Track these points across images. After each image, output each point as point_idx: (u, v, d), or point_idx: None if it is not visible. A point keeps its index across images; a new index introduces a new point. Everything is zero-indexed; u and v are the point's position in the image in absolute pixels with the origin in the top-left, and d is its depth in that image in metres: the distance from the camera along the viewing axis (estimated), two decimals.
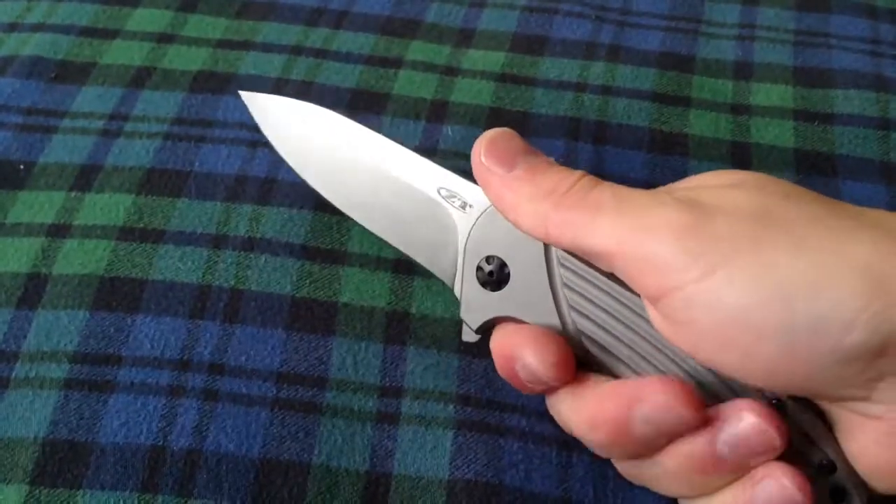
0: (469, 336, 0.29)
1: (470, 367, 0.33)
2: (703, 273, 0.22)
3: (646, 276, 0.24)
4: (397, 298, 0.34)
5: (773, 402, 0.24)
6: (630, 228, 0.24)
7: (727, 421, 0.23)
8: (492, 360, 0.29)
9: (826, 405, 0.24)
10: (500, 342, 0.28)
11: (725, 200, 0.24)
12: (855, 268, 0.21)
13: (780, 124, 0.41)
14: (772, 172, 0.39)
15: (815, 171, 0.40)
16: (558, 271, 0.26)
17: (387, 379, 0.32)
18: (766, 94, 0.43)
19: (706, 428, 0.24)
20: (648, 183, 0.39)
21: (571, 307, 0.26)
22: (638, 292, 0.25)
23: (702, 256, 0.23)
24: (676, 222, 0.23)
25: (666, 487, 0.26)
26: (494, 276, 0.28)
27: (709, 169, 0.39)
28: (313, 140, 0.32)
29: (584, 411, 0.26)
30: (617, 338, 0.26)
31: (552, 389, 0.27)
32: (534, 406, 0.32)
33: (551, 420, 0.31)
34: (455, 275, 0.29)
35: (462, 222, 0.29)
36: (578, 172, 0.27)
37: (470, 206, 0.29)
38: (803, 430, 0.24)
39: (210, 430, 0.31)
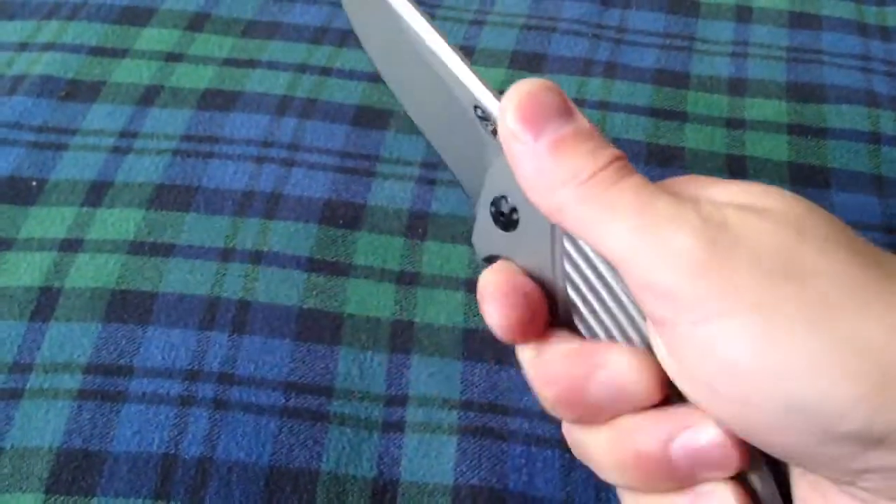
0: (479, 256, 0.29)
1: (472, 373, 0.33)
2: (703, 318, 0.21)
3: (647, 298, 0.22)
4: (401, 308, 0.35)
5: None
6: (643, 242, 0.22)
7: (689, 426, 0.23)
8: (493, 364, 0.29)
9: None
10: (483, 282, 0.26)
11: (754, 232, 0.21)
12: (865, 353, 0.20)
13: (774, 138, 0.42)
14: (767, 184, 0.40)
15: (809, 183, 0.41)
16: (561, 241, 0.26)
17: (392, 387, 0.33)
18: (760, 108, 0.44)
19: (665, 425, 0.23)
20: None
21: (567, 276, 0.26)
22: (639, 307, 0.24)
23: (708, 300, 0.21)
24: (692, 252, 0.21)
25: (606, 471, 0.25)
26: (504, 218, 0.27)
27: None
28: (373, 10, 0.29)
29: (542, 362, 0.25)
30: (602, 322, 0.26)
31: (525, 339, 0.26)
32: (536, 408, 0.32)
33: (553, 421, 0.32)
34: (477, 196, 0.28)
35: (490, 148, 0.27)
36: (607, 155, 0.24)
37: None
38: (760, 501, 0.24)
39: (220, 438, 0.31)
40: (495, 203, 0.27)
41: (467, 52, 0.46)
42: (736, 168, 0.41)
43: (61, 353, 0.33)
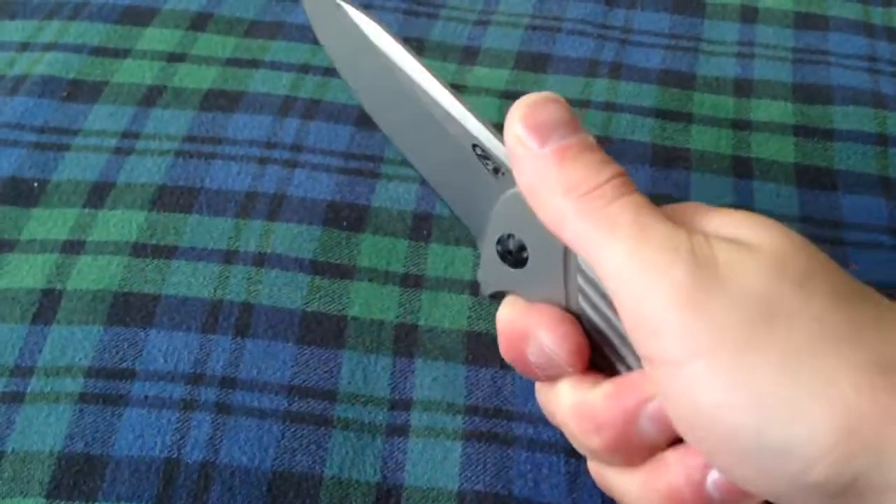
0: (484, 294, 0.28)
1: (477, 377, 0.33)
2: (686, 357, 0.21)
3: (636, 331, 0.23)
4: (405, 311, 0.35)
5: None
6: (635, 269, 0.22)
7: None
8: (498, 368, 0.28)
9: None
10: (511, 319, 0.26)
11: (738, 271, 0.22)
12: (835, 402, 0.20)
13: (780, 140, 0.42)
14: (773, 186, 0.40)
15: (816, 185, 0.40)
16: (574, 272, 0.25)
17: (396, 391, 0.33)
18: (766, 110, 0.44)
19: (699, 458, 0.23)
20: (651, 195, 0.39)
21: (580, 307, 0.26)
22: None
23: (688, 338, 0.21)
24: (680, 286, 0.21)
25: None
26: (512, 256, 0.27)
27: (712, 182, 0.40)
28: (360, 54, 0.29)
29: (586, 409, 0.25)
30: (620, 354, 0.25)
31: (553, 378, 0.26)
32: (541, 413, 0.32)
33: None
34: (480, 233, 0.28)
35: (492, 187, 0.27)
36: (610, 170, 0.24)
37: (502, 173, 0.26)
38: None
39: (223, 442, 0.31)
40: (501, 241, 0.27)
41: (471, 53, 0.46)
42: (742, 170, 0.41)
43: (63, 357, 0.33)
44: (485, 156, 0.27)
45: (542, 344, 0.25)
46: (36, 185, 0.38)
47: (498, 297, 0.28)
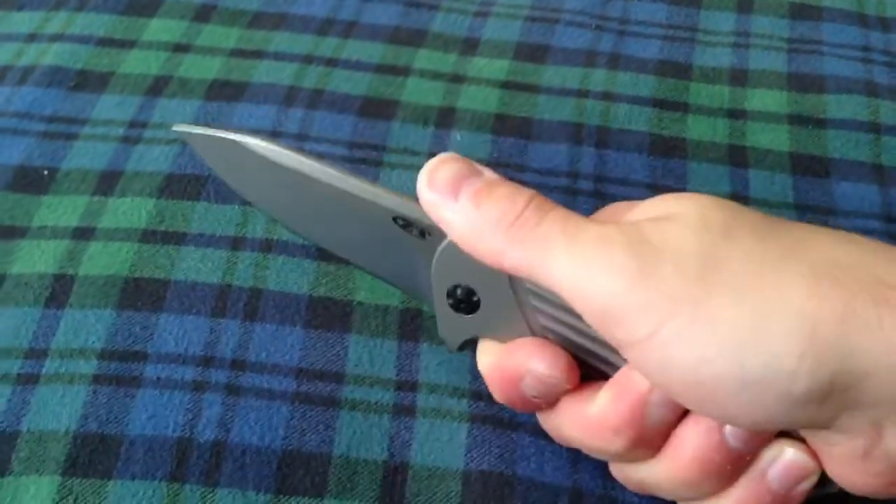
0: (452, 349, 0.30)
1: None
2: (652, 330, 0.23)
3: (601, 324, 0.24)
4: (410, 297, 0.36)
5: None
6: (581, 271, 0.24)
7: None
8: None
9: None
10: (495, 363, 0.28)
11: (671, 238, 0.24)
12: (792, 314, 0.22)
13: (775, 128, 0.43)
14: (768, 174, 0.41)
15: (810, 173, 0.41)
16: (525, 296, 0.26)
17: (402, 374, 0.34)
18: (762, 99, 0.45)
19: (708, 422, 0.24)
20: (649, 185, 0.40)
21: (544, 327, 0.27)
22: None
23: (649, 311, 0.23)
24: (624, 269, 0.23)
25: (670, 491, 0.26)
26: (465, 304, 0.28)
27: (707, 171, 0.41)
28: (261, 175, 0.31)
29: (597, 420, 0.26)
30: (594, 353, 0.26)
31: (553, 403, 0.28)
32: None
33: None
34: (427, 296, 0.30)
35: (424, 249, 0.28)
36: (525, 196, 0.26)
37: (429, 233, 0.28)
38: None
39: (234, 422, 0.32)
40: (450, 294, 0.28)
41: (471, 45, 0.46)
42: (737, 158, 0.42)
43: (76, 339, 0.34)
44: (407, 224, 0.28)
45: (538, 374, 0.27)
46: (46, 173, 0.39)
47: (466, 347, 0.30)
